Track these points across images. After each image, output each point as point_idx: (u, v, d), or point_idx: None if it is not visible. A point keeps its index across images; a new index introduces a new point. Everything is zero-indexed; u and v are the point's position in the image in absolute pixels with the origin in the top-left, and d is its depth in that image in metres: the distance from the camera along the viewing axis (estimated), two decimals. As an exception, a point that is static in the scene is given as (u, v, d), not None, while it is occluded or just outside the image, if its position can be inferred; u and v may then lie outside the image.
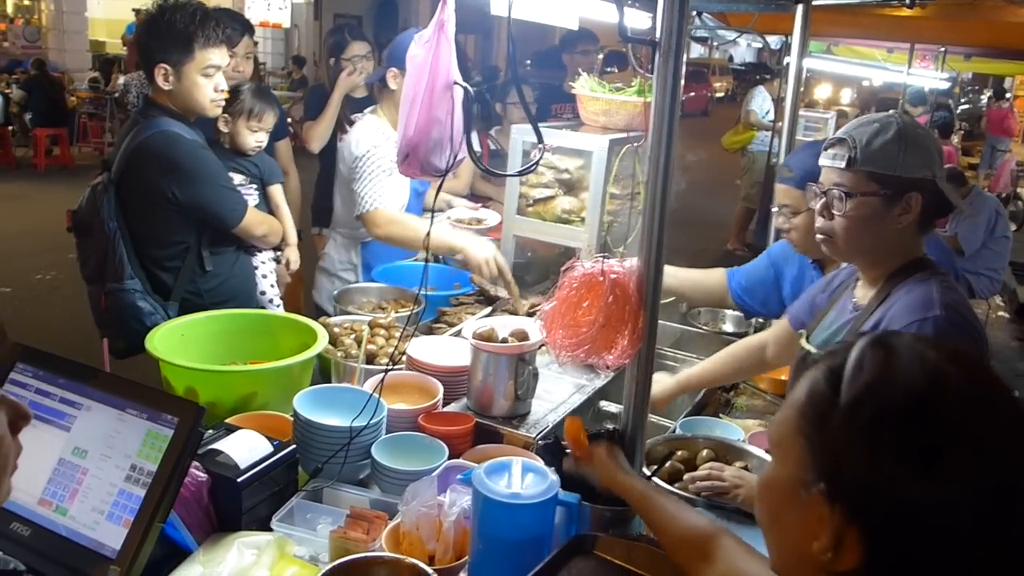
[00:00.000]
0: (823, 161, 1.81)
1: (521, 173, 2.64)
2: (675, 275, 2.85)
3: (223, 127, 3.04)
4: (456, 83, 1.77)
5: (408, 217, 3.25)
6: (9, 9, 17.17)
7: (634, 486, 1.54)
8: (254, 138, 3.07)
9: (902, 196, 1.72)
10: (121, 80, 12.78)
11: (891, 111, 2.07)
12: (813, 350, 1.90)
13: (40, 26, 16.16)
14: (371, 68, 3.85)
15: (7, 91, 12.23)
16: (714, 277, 2.88)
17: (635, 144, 1.67)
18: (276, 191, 3.18)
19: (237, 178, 3.05)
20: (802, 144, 2.69)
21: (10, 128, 12.24)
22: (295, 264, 3.29)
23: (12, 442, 0.96)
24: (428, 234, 2.11)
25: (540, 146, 1.81)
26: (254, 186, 3.10)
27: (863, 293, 1.88)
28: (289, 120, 5.13)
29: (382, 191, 3.12)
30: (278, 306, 3.14)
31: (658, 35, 1.56)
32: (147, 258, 2.74)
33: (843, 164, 1.75)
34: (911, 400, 0.83)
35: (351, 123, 3.81)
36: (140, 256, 2.73)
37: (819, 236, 1.86)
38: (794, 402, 0.93)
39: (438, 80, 1.76)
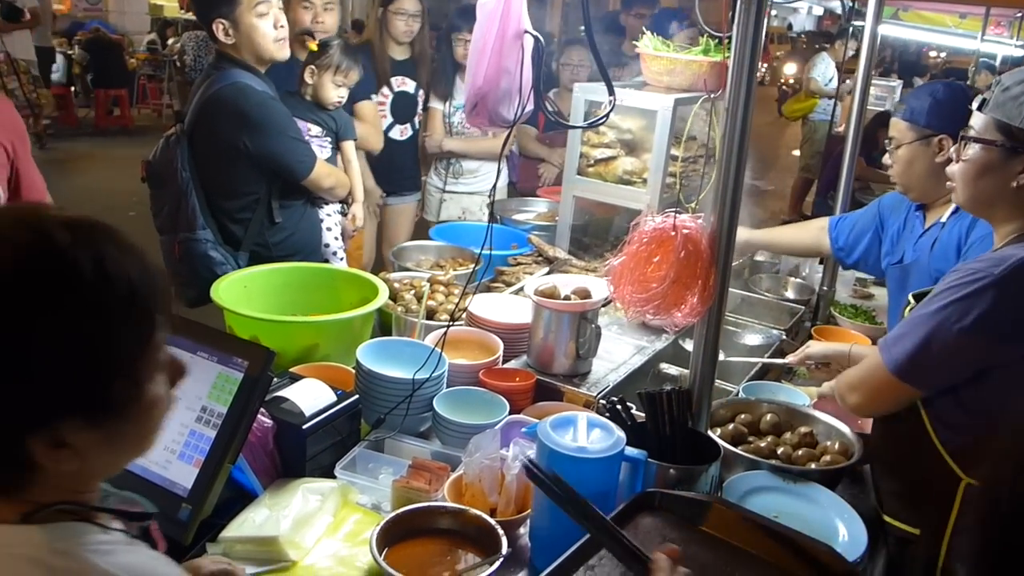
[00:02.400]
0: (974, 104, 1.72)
1: (591, 125, 2.60)
2: (762, 241, 2.92)
3: (308, 78, 3.07)
4: (527, 32, 1.73)
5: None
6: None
7: None
8: (336, 93, 3.10)
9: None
10: (174, 43, 12.94)
11: None
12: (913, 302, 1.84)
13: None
14: (417, 28, 3.80)
15: (70, 52, 12.44)
16: (811, 229, 2.83)
17: (712, 95, 1.62)
18: (349, 147, 3.23)
19: (314, 130, 3.09)
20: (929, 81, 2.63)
21: (72, 89, 12.47)
22: (360, 221, 3.30)
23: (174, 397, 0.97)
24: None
25: (611, 98, 1.77)
26: (328, 139, 3.14)
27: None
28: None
29: None
30: (342, 259, 3.15)
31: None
32: (218, 209, 2.78)
33: (977, 105, 1.66)
34: None
35: (390, 87, 3.82)
36: (211, 207, 2.77)
37: (948, 183, 1.78)
38: None
39: (509, 29, 1.73)
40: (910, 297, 1.86)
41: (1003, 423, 1.58)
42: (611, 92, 1.74)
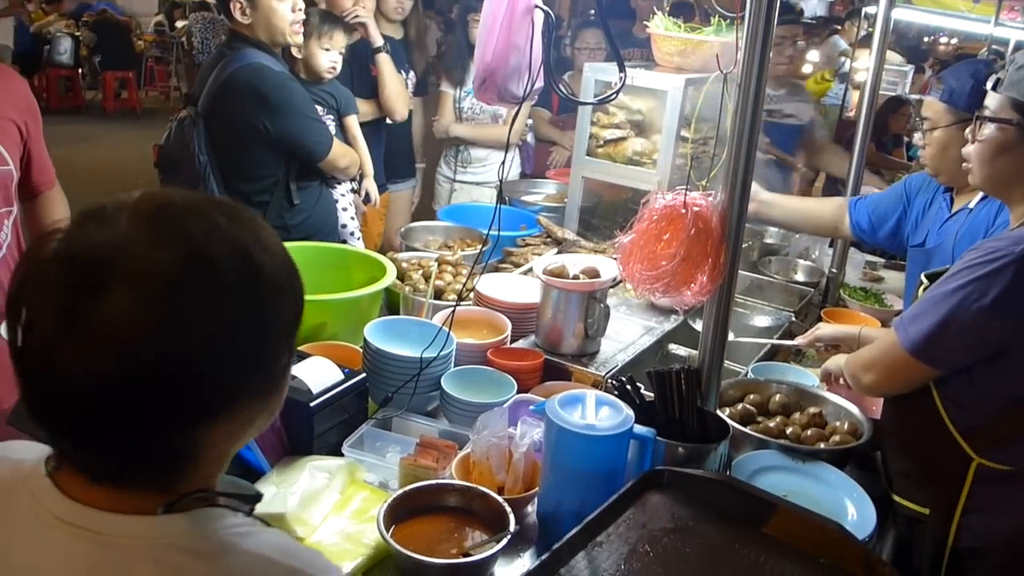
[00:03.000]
0: (989, 83, 1.70)
1: (601, 101, 2.57)
2: (781, 204, 2.73)
3: (296, 54, 3.04)
4: (537, 6, 1.72)
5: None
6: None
7: None
8: (327, 58, 3.05)
9: None
10: (183, 25, 12.90)
11: None
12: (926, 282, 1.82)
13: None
14: (409, 7, 3.72)
15: (78, 33, 12.42)
16: (830, 206, 2.76)
17: (724, 71, 1.60)
18: (352, 122, 3.18)
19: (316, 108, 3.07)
20: (967, 60, 2.55)
21: (80, 71, 12.45)
22: (375, 195, 3.27)
23: None
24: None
25: (621, 75, 1.75)
26: (331, 117, 3.11)
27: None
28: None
29: None
30: (358, 239, 3.14)
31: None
32: (236, 192, 2.74)
33: (992, 85, 1.65)
34: None
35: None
36: (229, 191, 2.73)
37: (964, 164, 1.77)
38: None
39: (519, 4, 1.71)
40: (923, 277, 1.84)
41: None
42: (621, 68, 1.72)
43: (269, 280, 0.84)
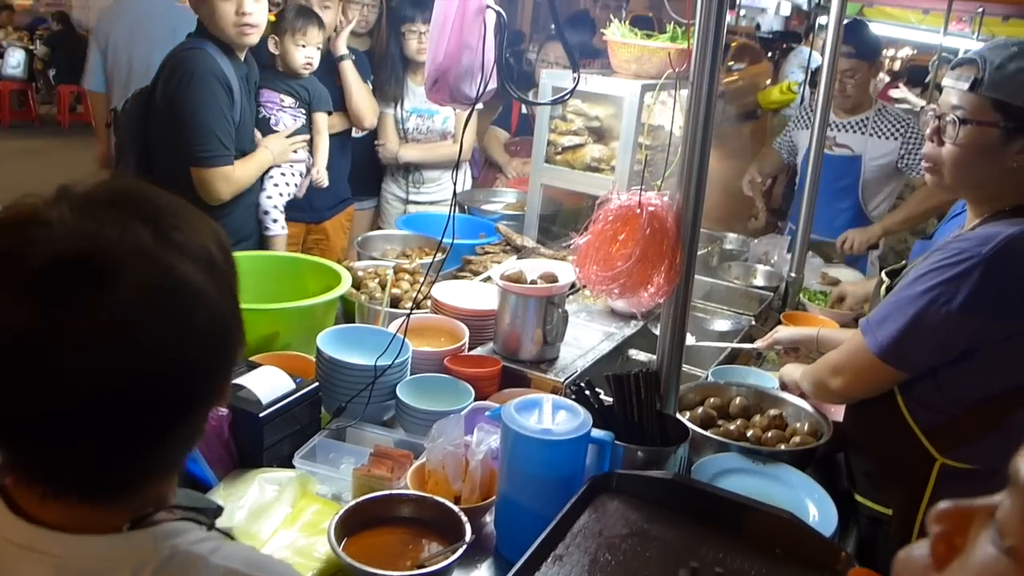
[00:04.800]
0: (945, 81, 1.64)
1: (555, 101, 2.56)
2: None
3: (273, 48, 3.05)
4: (489, 7, 1.69)
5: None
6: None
7: None
8: (303, 54, 3.05)
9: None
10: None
11: None
12: (886, 279, 1.81)
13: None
14: (372, 19, 3.66)
15: (31, 47, 12.19)
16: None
17: (677, 71, 1.59)
18: (320, 118, 3.18)
19: (287, 100, 3.06)
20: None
21: (34, 85, 12.22)
22: (325, 182, 3.22)
23: None
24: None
25: (575, 75, 1.73)
26: (302, 110, 3.11)
27: (958, 232, 1.74)
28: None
29: None
30: (282, 227, 3.02)
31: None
32: (148, 170, 2.71)
33: (966, 86, 1.58)
34: None
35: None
36: (143, 167, 2.70)
37: (924, 164, 1.71)
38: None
39: (470, 3, 1.68)
40: (883, 275, 1.84)
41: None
42: (575, 68, 1.70)
43: (230, 290, 0.86)
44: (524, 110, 4.19)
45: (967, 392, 1.61)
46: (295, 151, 3.05)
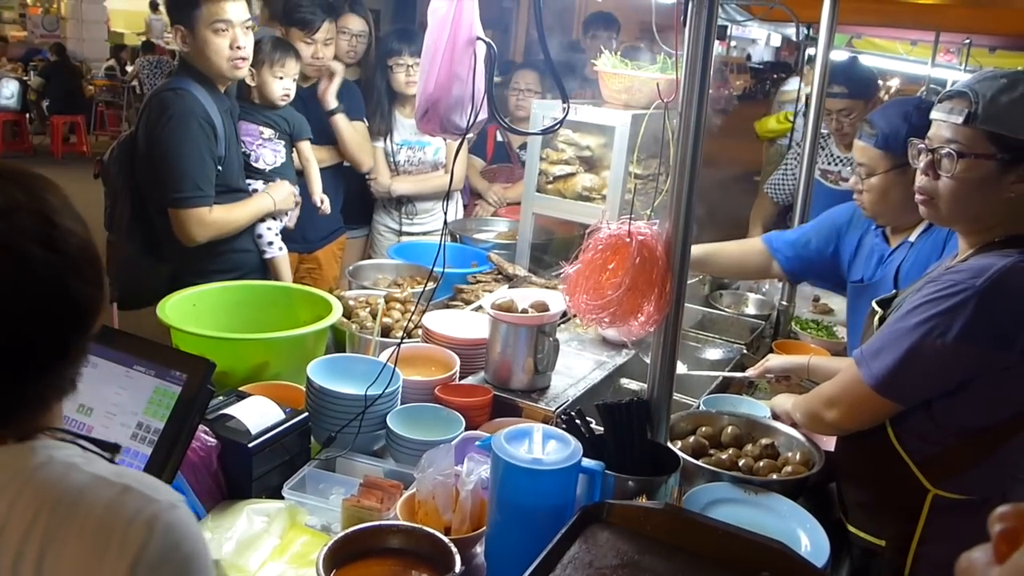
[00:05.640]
0: (935, 115, 1.65)
1: (546, 131, 2.57)
2: (714, 257, 2.67)
3: (250, 81, 3.04)
4: (479, 38, 1.71)
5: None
6: (29, -1, 17.24)
7: None
8: (280, 86, 3.06)
9: (1021, 162, 1.56)
10: (133, 68, 12.81)
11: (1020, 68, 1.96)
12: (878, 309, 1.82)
13: (59, 15, 16.17)
14: (362, 50, 3.68)
15: (25, 78, 12.25)
16: (752, 248, 2.67)
17: (665, 101, 1.60)
18: (305, 147, 3.20)
19: (266, 132, 3.05)
20: (892, 100, 2.54)
21: (27, 115, 12.26)
22: (327, 208, 3.25)
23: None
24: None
25: (564, 105, 1.74)
26: (283, 142, 3.10)
27: (949, 262, 1.75)
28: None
29: None
30: (280, 248, 3.00)
31: (691, -15, 1.50)
32: (145, 213, 2.69)
33: (960, 119, 1.58)
34: None
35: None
36: (140, 211, 2.69)
37: (919, 197, 1.70)
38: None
39: (460, 35, 1.70)
40: (875, 305, 1.84)
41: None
42: (565, 99, 1.71)
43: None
44: (499, 137, 4.22)
45: (961, 422, 1.61)
46: (297, 200, 3.03)
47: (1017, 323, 1.52)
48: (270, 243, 2.98)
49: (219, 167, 2.68)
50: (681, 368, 2.40)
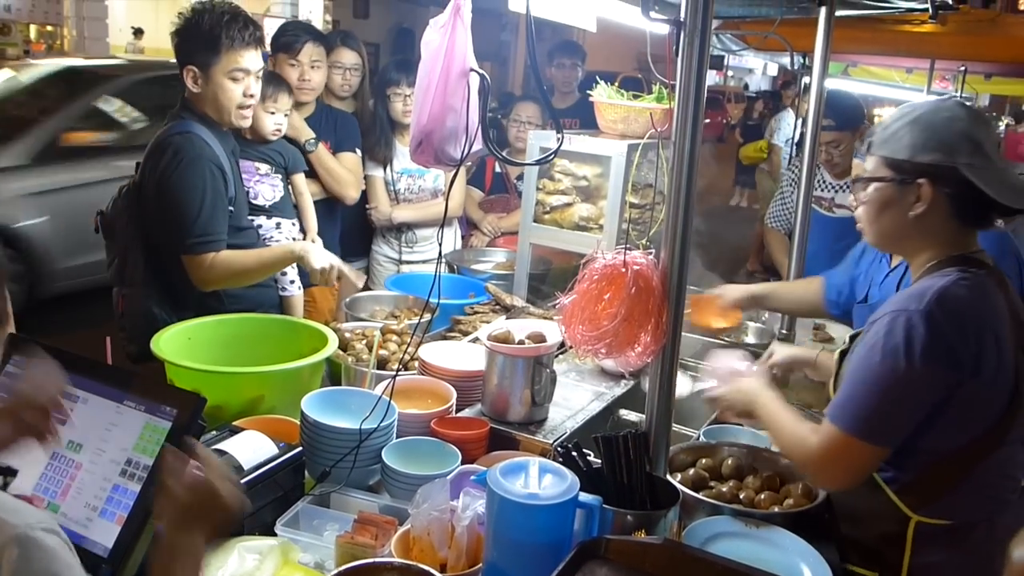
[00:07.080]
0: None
1: (540, 162, 2.58)
2: (776, 294, 2.77)
3: None
4: (473, 70, 1.71)
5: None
6: (32, 35, 17.40)
7: None
8: (272, 120, 3.07)
9: (914, 183, 1.63)
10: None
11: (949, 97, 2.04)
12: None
13: (62, 52, 16.34)
14: (356, 83, 3.69)
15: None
16: (812, 287, 2.70)
17: (659, 131, 1.60)
18: (300, 180, 3.21)
19: (263, 168, 3.05)
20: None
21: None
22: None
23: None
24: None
25: (559, 136, 1.74)
26: (279, 176, 3.10)
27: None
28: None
29: None
30: (299, 287, 3.07)
31: (683, 15, 1.50)
32: (160, 263, 2.61)
33: (865, 148, 1.73)
34: None
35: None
36: (154, 261, 2.61)
37: (858, 225, 1.80)
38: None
39: (453, 67, 1.70)
40: (847, 338, 1.84)
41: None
42: (559, 130, 1.71)
43: None
44: (498, 168, 4.23)
45: (931, 447, 1.61)
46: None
47: (964, 340, 1.53)
48: (292, 281, 3.00)
49: (231, 207, 2.64)
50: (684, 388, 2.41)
